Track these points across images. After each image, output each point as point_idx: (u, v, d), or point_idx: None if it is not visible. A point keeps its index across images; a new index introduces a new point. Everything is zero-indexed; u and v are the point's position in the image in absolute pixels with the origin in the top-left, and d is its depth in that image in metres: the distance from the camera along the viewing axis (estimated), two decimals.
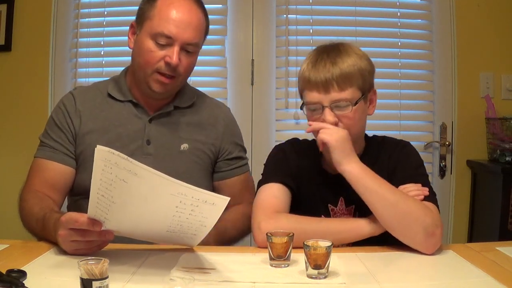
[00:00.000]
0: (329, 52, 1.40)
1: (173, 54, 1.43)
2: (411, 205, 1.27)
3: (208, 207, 1.10)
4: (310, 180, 1.47)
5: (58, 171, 1.49)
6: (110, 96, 1.56)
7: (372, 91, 1.43)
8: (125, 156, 1.03)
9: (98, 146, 1.05)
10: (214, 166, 1.62)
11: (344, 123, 1.36)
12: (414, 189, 1.33)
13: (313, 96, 1.37)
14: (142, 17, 1.49)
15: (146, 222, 1.14)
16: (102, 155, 1.04)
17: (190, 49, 1.47)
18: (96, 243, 1.17)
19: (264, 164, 1.52)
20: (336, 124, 1.36)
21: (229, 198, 1.10)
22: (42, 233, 1.30)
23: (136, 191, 1.06)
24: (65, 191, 1.52)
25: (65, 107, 1.54)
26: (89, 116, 1.52)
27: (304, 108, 1.42)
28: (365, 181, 1.30)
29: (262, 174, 1.49)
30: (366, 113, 1.43)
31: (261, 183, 1.45)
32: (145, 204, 1.08)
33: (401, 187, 1.34)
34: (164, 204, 1.09)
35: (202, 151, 1.58)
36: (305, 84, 1.40)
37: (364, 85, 1.38)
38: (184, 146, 1.55)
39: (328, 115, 1.36)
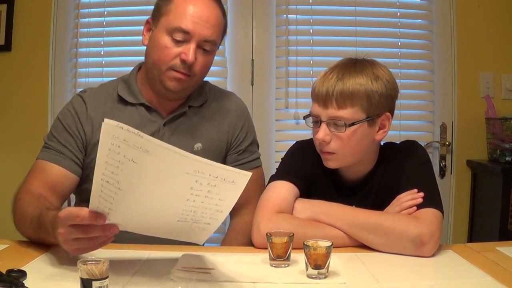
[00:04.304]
0: (345, 66, 1.36)
1: (189, 51, 1.38)
2: (390, 224, 1.27)
3: (226, 186, 1.00)
4: (323, 186, 1.46)
5: (62, 175, 1.43)
6: (120, 99, 1.50)
7: (384, 116, 1.37)
8: (136, 131, 0.94)
9: (105, 120, 0.94)
10: (224, 161, 1.57)
11: (336, 143, 1.34)
12: (408, 199, 1.32)
13: (314, 108, 1.37)
14: (158, 13, 1.44)
15: (155, 211, 1.03)
16: (110, 131, 0.94)
17: (207, 47, 1.42)
18: (100, 240, 1.05)
19: (282, 159, 1.51)
20: (325, 142, 1.35)
21: (250, 174, 1.00)
22: (37, 233, 1.21)
23: (147, 173, 0.96)
24: (65, 197, 1.46)
25: (76, 112, 1.48)
26: (100, 123, 1.42)
27: (307, 120, 1.41)
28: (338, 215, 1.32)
29: (277, 169, 1.48)
30: (370, 137, 1.37)
31: (273, 178, 1.44)
32: (156, 188, 0.98)
33: (397, 197, 1.34)
34: (177, 186, 0.98)
35: (217, 147, 1.54)
36: (312, 94, 1.39)
37: (371, 107, 1.33)
38: (198, 146, 1.51)
39: (321, 131, 1.34)
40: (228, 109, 1.58)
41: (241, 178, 1.00)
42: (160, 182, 0.97)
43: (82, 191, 1.49)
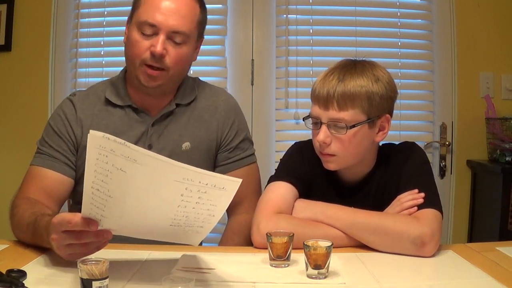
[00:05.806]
0: (345, 67, 1.36)
1: (157, 43, 1.37)
2: (390, 224, 1.27)
3: (217, 192, 1.00)
4: (322, 187, 1.46)
5: (57, 180, 1.43)
6: (108, 101, 1.50)
7: (384, 117, 1.37)
8: (122, 141, 0.93)
9: (91, 131, 0.94)
10: (215, 160, 1.56)
11: (337, 145, 1.34)
12: (408, 199, 1.32)
13: (315, 110, 1.36)
14: (133, 9, 1.45)
15: (147, 217, 1.04)
16: (96, 142, 0.94)
17: (178, 40, 1.41)
18: (93, 245, 1.06)
19: (280, 160, 1.51)
20: (325, 144, 1.34)
21: (241, 180, 1.00)
22: (33, 239, 1.21)
23: (136, 181, 0.96)
24: (62, 201, 1.46)
25: (65, 115, 1.49)
26: (90, 126, 1.45)
27: (306, 121, 1.41)
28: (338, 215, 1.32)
29: (275, 170, 1.48)
30: (370, 139, 1.37)
31: (272, 178, 1.44)
32: (146, 195, 0.98)
33: (397, 197, 1.34)
34: (168, 193, 0.99)
35: (206, 146, 1.53)
36: (312, 95, 1.39)
37: (371, 109, 1.33)
38: (186, 145, 1.50)
39: (322, 133, 1.34)
40: (216, 106, 1.56)
41: (231, 184, 1.00)
42: (150, 190, 0.98)
43: (75, 193, 1.49)
